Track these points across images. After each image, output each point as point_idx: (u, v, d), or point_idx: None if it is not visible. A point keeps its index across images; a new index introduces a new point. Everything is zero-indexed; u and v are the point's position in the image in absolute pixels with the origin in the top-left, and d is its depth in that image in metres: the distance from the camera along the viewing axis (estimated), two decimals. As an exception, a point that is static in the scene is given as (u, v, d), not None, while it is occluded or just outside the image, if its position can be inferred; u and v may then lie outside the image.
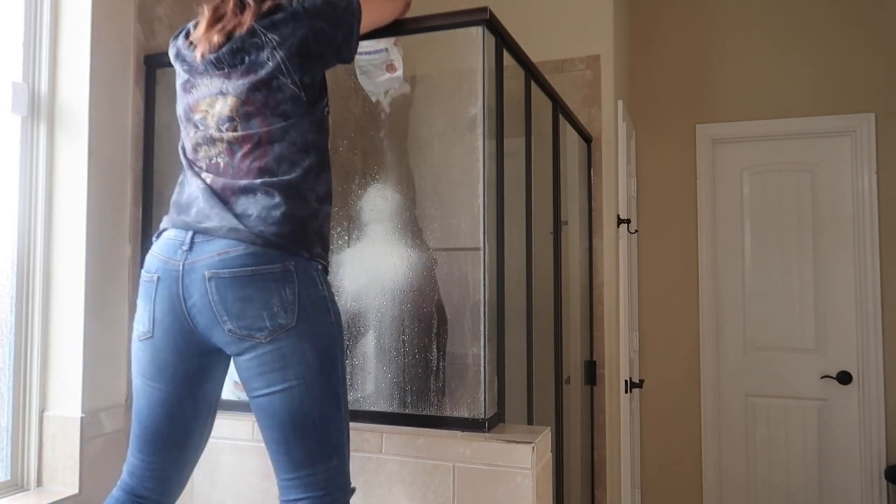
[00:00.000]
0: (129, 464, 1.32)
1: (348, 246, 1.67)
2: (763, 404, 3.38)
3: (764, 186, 3.42)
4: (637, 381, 3.08)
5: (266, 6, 1.27)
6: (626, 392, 2.84)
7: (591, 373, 2.73)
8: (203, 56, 1.28)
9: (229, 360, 1.33)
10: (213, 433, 1.59)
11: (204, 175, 1.28)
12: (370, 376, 1.62)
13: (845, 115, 3.27)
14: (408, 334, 1.58)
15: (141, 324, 1.27)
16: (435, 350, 1.54)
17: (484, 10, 1.46)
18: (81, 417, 1.59)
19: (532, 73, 1.91)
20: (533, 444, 1.36)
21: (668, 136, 3.54)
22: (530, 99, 1.93)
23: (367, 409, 1.59)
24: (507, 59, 1.61)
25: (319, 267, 1.27)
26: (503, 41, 1.57)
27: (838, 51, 3.29)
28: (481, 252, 1.47)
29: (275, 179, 1.24)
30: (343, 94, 1.91)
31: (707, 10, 3.50)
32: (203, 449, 1.38)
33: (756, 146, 3.43)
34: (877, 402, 3.18)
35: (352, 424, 1.50)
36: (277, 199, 1.22)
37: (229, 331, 1.19)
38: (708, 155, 3.48)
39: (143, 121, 1.76)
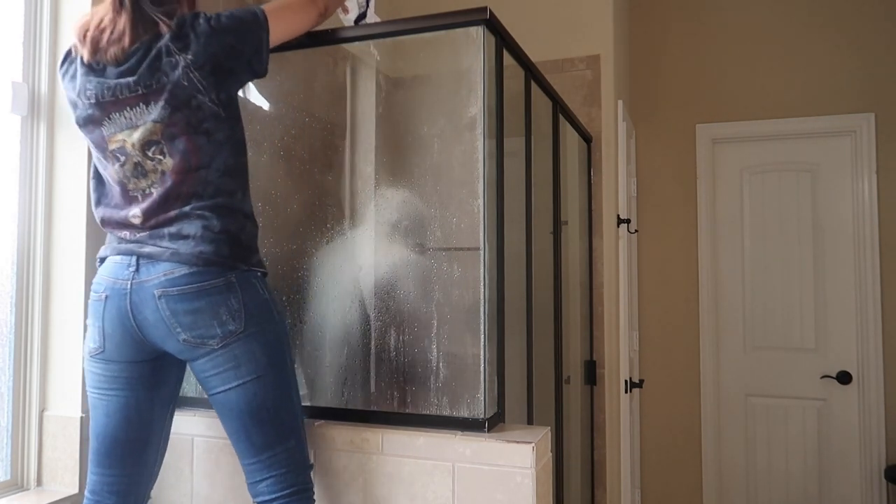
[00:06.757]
0: (88, 482, 1.36)
1: (347, 246, 1.67)
2: (763, 404, 3.38)
3: (764, 186, 3.42)
4: (637, 381, 3.08)
5: (175, 26, 1.27)
6: (626, 392, 2.84)
7: (591, 373, 2.73)
8: (112, 68, 1.26)
9: (182, 365, 1.41)
10: (213, 433, 1.60)
11: (134, 210, 1.29)
12: (369, 376, 1.62)
13: (845, 115, 3.27)
14: (407, 334, 1.58)
15: (92, 341, 1.33)
16: (434, 350, 1.54)
17: (484, 9, 1.46)
18: (81, 417, 1.59)
19: (532, 73, 1.91)
20: (533, 444, 1.36)
21: (668, 136, 3.54)
22: (530, 99, 1.93)
23: (366, 409, 1.59)
24: (507, 58, 1.60)
25: (259, 274, 1.35)
26: (503, 41, 1.57)
27: (838, 51, 3.29)
28: (481, 252, 1.47)
29: (204, 202, 1.28)
30: (340, 95, 1.91)
31: (707, 10, 3.50)
32: (160, 464, 1.42)
33: (756, 146, 3.43)
34: (877, 402, 3.18)
35: (350, 424, 1.52)
36: (211, 219, 1.28)
37: (184, 340, 1.26)
38: (708, 155, 3.48)
39: (143, 121, 1.76)
